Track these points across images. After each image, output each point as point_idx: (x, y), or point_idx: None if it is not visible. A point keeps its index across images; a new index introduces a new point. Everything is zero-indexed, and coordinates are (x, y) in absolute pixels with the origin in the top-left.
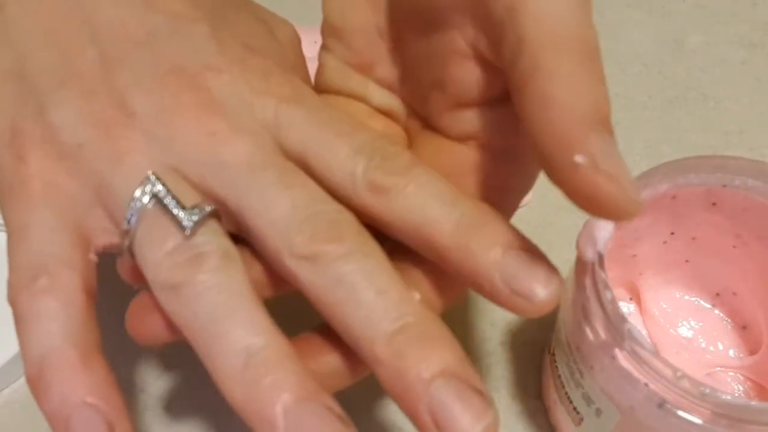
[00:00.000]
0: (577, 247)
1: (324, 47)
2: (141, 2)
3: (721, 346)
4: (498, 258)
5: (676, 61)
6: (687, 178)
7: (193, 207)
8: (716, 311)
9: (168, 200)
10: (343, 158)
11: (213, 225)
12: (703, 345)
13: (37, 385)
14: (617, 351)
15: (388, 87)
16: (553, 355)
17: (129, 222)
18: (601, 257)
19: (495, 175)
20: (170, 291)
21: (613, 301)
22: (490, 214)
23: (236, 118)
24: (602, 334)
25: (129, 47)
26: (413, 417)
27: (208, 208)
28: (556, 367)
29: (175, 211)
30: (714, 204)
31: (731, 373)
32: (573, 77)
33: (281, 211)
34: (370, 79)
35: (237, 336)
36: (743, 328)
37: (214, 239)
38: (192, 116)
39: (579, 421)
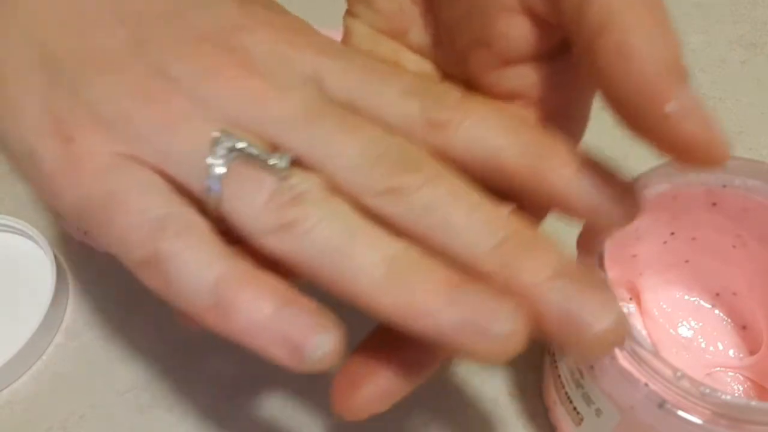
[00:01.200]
0: (577, 247)
1: (350, 14)
2: None
3: (721, 346)
4: (572, 175)
5: None
6: (687, 178)
7: (274, 152)
8: (716, 311)
9: (251, 150)
10: (395, 100)
11: (298, 169)
12: (703, 345)
13: (215, 314)
14: (617, 351)
15: (420, 52)
16: (553, 355)
17: (210, 189)
18: (601, 257)
19: None
20: (281, 233)
21: None
22: (555, 138)
23: (278, 74)
24: None
25: (158, 22)
26: (535, 323)
27: (289, 153)
28: (556, 367)
29: (263, 157)
30: (714, 204)
31: (731, 373)
32: (649, 27)
33: (352, 154)
34: (401, 45)
35: (368, 251)
36: (743, 328)
37: (306, 177)
38: (234, 75)
39: (579, 421)
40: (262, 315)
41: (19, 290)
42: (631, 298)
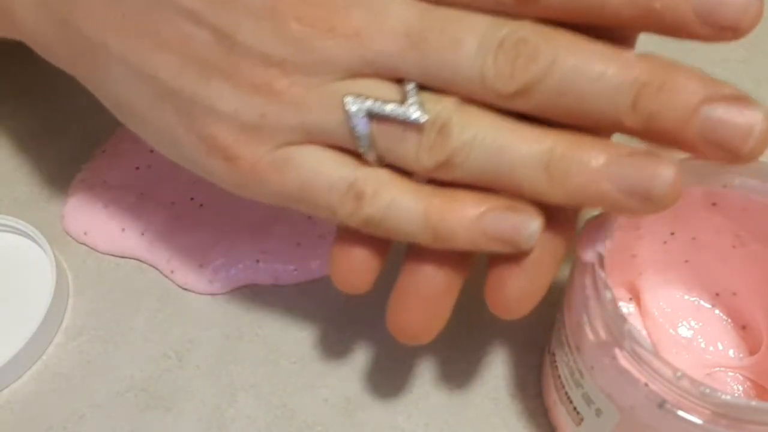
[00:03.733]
0: (577, 247)
1: None
2: None
3: (720, 346)
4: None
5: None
6: (687, 178)
7: (404, 98)
8: (716, 311)
9: (385, 109)
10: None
11: (426, 95)
12: (703, 345)
13: (435, 240)
14: (617, 351)
15: None
16: (553, 355)
17: (364, 148)
18: (601, 257)
19: None
20: (447, 168)
21: (613, 301)
22: None
23: (354, 2)
24: (602, 334)
25: (224, 10)
26: (690, 149)
27: (410, 86)
28: (556, 367)
29: (397, 112)
30: (714, 204)
31: (731, 373)
32: None
33: (468, 67)
34: None
35: (528, 147)
36: (743, 328)
37: (439, 104)
38: (329, 27)
39: (579, 421)
40: (470, 220)
41: (19, 290)
42: (630, 298)
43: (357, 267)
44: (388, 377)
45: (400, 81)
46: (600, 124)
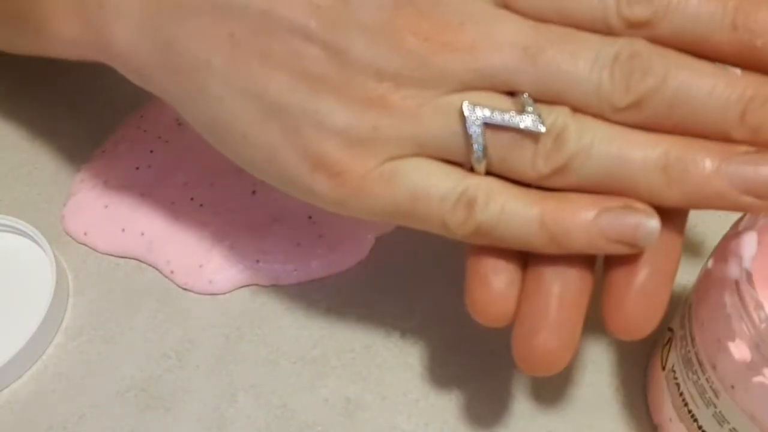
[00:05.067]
0: (716, 263)
1: None
2: None
3: None
4: None
5: None
6: None
7: (520, 107)
8: None
9: (502, 117)
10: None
11: (539, 105)
12: None
13: (551, 244)
14: (766, 370)
15: None
16: (673, 372)
17: (477, 158)
18: (749, 274)
19: None
20: (562, 174)
21: (767, 320)
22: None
23: (474, 14)
24: (750, 353)
25: (337, 26)
26: None
27: (526, 96)
28: (678, 384)
29: (515, 120)
30: None
31: None
32: None
33: (584, 80)
34: None
35: (644, 152)
36: None
37: (554, 113)
38: (443, 42)
39: None
40: (587, 221)
41: (19, 290)
42: None
43: (498, 295)
44: (388, 377)
45: (511, 93)
46: (706, 135)
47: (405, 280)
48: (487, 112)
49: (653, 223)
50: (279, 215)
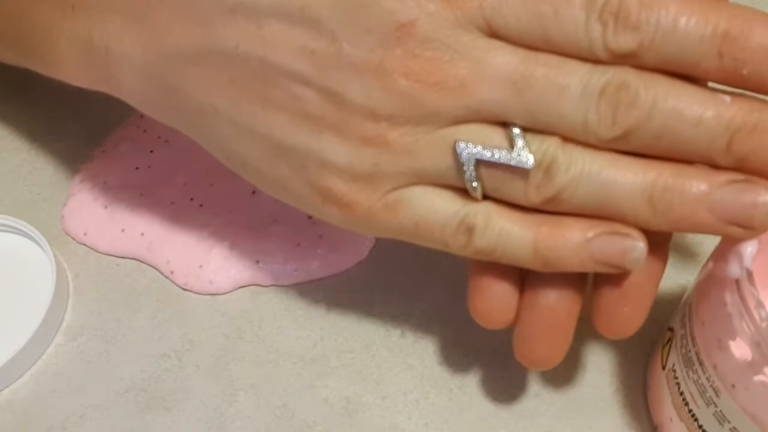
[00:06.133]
0: (717, 262)
1: None
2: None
3: None
4: None
5: None
6: None
7: (510, 143)
8: None
9: (492, 154)
10: (573, 29)
11: (530, 136)
12: None
13: (544, 265)
14: (766, 369)
15: None
16: (674, 371)
17: (473, 188)
18: (749, 273)
19: None
20: (554, 203)
21: None
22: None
23: (460, 47)
24: (750, 353)
25: (330, 70)
26: None
27: (516, 132)
28: (678, 384)
29: (506, 158)
30: None
31: None
32: None
33: (571, 113)
34: None
35: (632, 182)
36: None
37: (544, 144)
38: (433, 82)
39: None
40: (577, 246)
41: (19, 290)
42: None
43: (498, 304)
44: (388, 377)
45: (504, 124)
46: (692, 160)
47: (405, 280)
48: (479, 149)
49: (639, 248)
50: (279, 215)
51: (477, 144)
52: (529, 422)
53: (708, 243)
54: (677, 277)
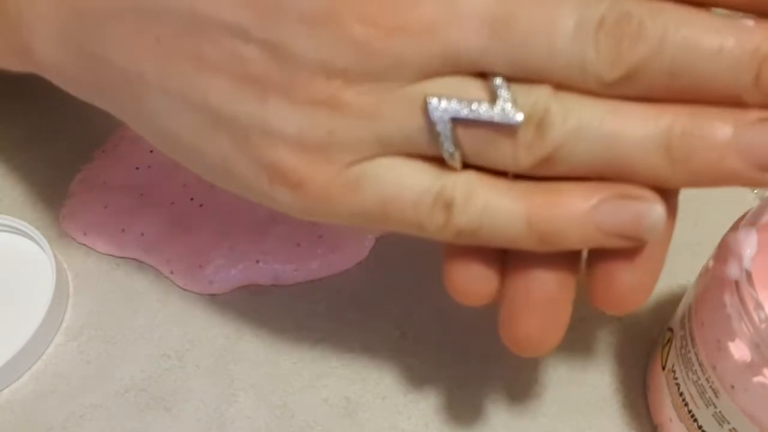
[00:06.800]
0: (716, 263)
1: None
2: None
3: None
4: None
5: None
6: None
7: (493, 96)
8: None
9: (471, 110)
10: None
11: (516, 87)
12: None
13: (539, 242)
14: (765, 370)
15: None
16: (673, 372)
17: (450, 154)
18: (748, 274)
19: None
20: (549, 164)
21: (767, 321)
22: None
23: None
24: (750, 354)
25: (272, 20)
26: None
27: (498, 82)
28: (678, 384)
29: (489, 114)
30: None
31: None
32: None
33: (562, 52)
34: None
35: (643, 130)
36: None
37: (532, 95)
38: (393, 26)
39: None
40: (580, 215)
41: (19, 290)
42: None
43: (476, 274)
44: (388, 377)
45: (483, 75)
46: (714, 103)
47: (405, 280)
48: (454, 105)
49: (657, 211)
50: (279, 215)
51: (452, 99)
52: (529, 422)
53: (708, 243)
54: (677, 277)
